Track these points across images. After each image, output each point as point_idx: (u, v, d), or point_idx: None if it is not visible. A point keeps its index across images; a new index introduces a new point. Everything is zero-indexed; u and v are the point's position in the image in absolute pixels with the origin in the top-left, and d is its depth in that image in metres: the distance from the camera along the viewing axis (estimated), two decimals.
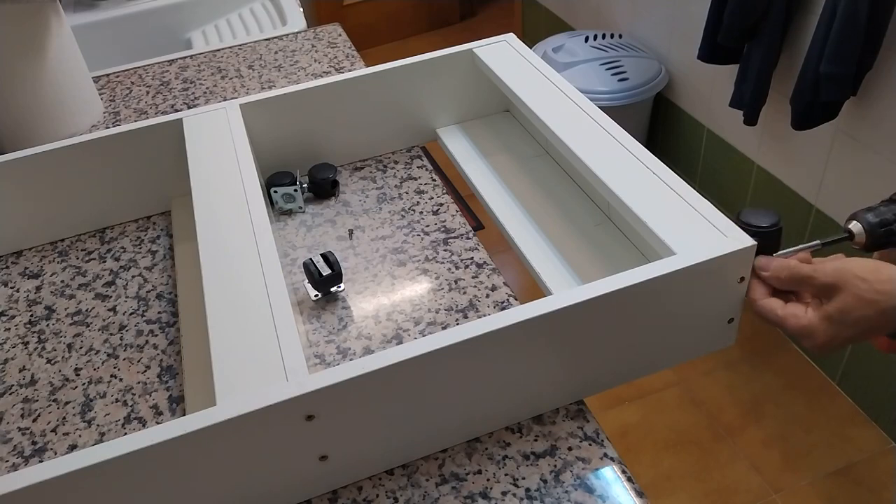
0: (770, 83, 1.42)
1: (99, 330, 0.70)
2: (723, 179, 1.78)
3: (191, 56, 1.18)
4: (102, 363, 0.66)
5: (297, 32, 1.21)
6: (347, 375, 0.47)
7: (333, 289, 0.69)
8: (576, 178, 0.77)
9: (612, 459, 0.55)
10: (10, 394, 0.64)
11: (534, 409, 0.57)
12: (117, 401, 0.63)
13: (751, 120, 1.46)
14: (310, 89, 0.79)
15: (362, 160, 0.87)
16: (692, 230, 0.56)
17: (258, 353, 0.51)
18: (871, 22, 1.16)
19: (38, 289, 0.75)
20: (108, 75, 1.15)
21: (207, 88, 1.08)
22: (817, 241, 0.61)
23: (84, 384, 0.65)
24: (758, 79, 1.41)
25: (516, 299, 0.67)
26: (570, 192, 0.76)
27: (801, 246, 0.60)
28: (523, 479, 0.54)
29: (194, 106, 1.04)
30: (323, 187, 0.81)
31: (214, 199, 0.66)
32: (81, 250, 0.80)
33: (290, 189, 0.78)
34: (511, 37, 0.84)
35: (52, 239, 0.81)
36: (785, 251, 0.60)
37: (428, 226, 0.77)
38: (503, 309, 0.66)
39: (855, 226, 0.60)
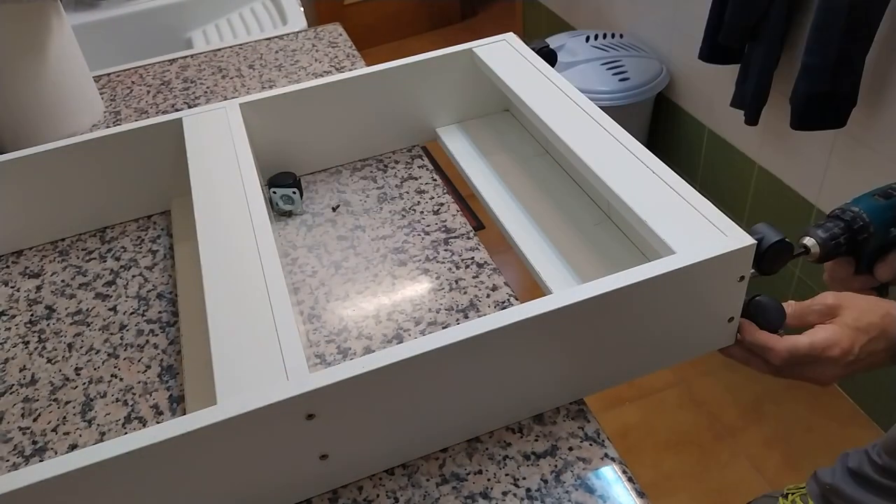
0: (771, 83, 1.42)
1: (99, 329, 0.70)
2: (723, 179, 1.78)
3: (191, 56, 1.18)
4: (103, 363, 0.66)
5: (298, 32, 1.21)
6: (348, 374, 0.47)
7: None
8: (576, 178, 0.77)
9: (613, 459, 0.55)
10: (11, 393, 0.65)
11: (534, 408, 0.57)
12: (118, 400, 0.63)
13: (752, 120, 1.46)
14: (310, 89, 0.79)
15: (362, 160, 0.87)
16: (692, 229, 0.56)
17: (258, 353, 0.51)
18: (852, 16, 1.15)
19: (38, 288, 0.75)
20: (108, 75, 1.15)
21: (208, 88, 1.08)
22: None
23: (84, 384, 0.65)
24: (759, 79, 1.41)
25: (517, 299, 0.67)
26: (570, 192, 0.76)
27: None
28: (524, 479, 0.54)
29: (195, 105, 1.04)
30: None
31: (214, 199, 0.66)
32: (82, 250, 0.80)
33: (288, 191, 0.78)
34: (511, 36, 0.84)
35: (52, 238, 0.81)
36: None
37: (428, 226, 0.77)
38: (503, 309, 0.66)
39: (809, 241, 0.65)
